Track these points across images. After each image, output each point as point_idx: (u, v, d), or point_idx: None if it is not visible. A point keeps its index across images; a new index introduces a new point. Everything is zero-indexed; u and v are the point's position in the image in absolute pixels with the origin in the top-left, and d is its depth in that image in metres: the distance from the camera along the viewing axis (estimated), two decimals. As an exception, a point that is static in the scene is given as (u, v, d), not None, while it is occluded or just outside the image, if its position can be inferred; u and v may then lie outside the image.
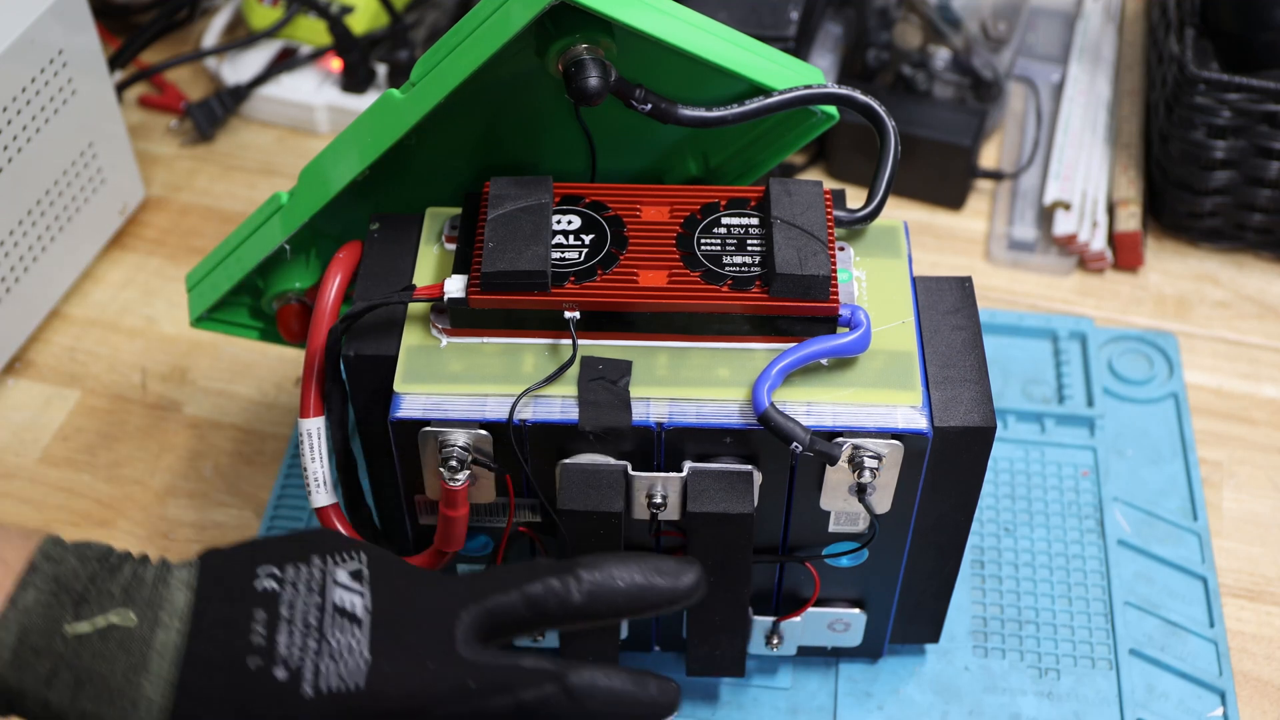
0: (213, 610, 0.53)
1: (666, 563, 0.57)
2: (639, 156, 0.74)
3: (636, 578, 0.56)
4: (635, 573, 0.56)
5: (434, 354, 0.64)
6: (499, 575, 0.56)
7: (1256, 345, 0.93)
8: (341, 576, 0.55)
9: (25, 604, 0.52)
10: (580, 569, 0.56)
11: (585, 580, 0.56)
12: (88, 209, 0.95)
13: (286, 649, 0.53)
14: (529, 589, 0.56)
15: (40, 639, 0.52)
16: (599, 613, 0.56)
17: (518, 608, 0.55)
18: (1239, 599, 0.80)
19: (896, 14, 1.02)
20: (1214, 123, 0.91)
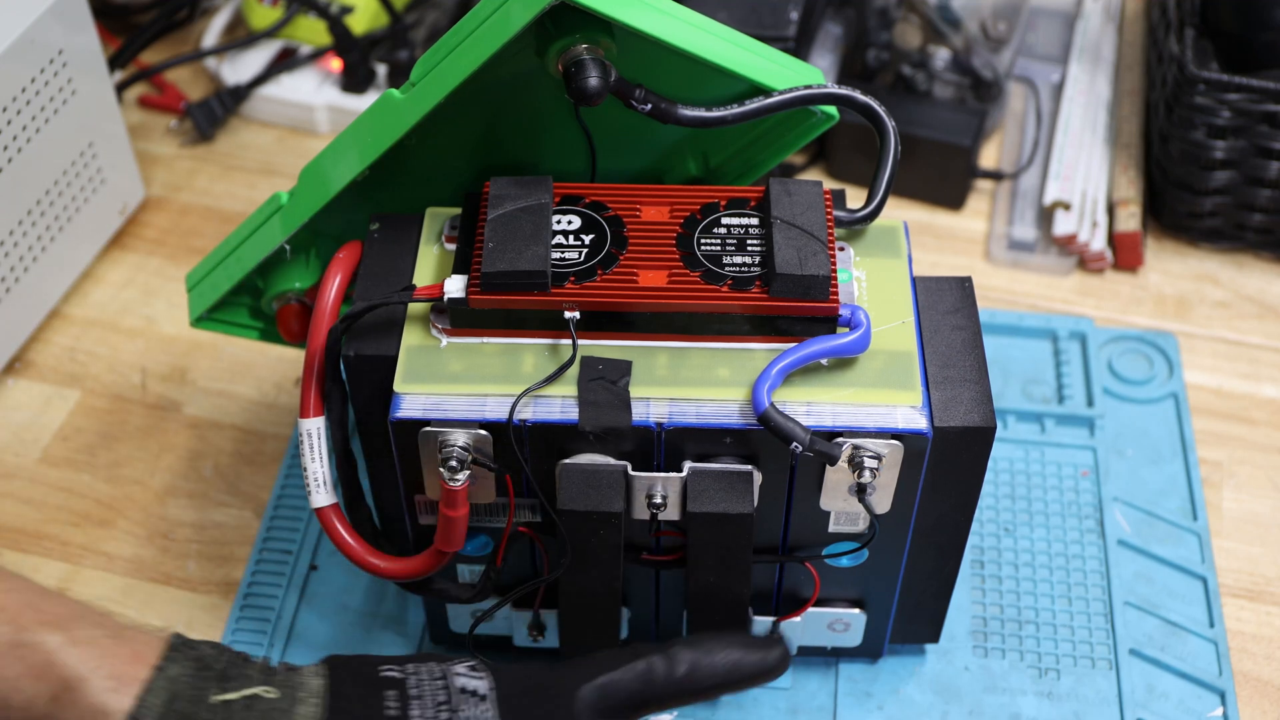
0: (347, 689, 0.58)
1: (755, 639, 0.63)
2: (639, 156, 0.74)
3: (732, 654, 0.61)
4: (730, 649, 0.62)
5: (434, 354, 0.64)
6: (605, 658, 0.61)
7: (1256, 345, 0.93)
8: (459, 669, 0.60)
9: (171, 674, 0.56)
10: (679, 647, 0.61)
11: (685, 658, 0.61)
12: (88, 209, 0.95)
13: (420, 718, 0.57)
14: (636, 666, 0.60)
15: (188, 705, 0.55)
16: (699, 686, 0.61)
17: (628, 683, 0.60)
18: (1239, 599, 0.80)
19: (896, 14, 1.02)
20: (1214, 123, 0.91)
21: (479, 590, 0.69)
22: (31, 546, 0.83)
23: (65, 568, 0.82)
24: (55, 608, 0.57)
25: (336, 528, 0.68)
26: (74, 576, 0.81)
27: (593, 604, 0.68)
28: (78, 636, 0.56)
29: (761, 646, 0.62)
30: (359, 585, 0.80)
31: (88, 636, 0.56)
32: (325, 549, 0.82)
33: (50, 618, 0.57)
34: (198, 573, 0.82)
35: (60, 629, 0.56)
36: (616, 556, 0.65)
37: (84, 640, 0.56)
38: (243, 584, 0.80)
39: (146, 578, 0.81)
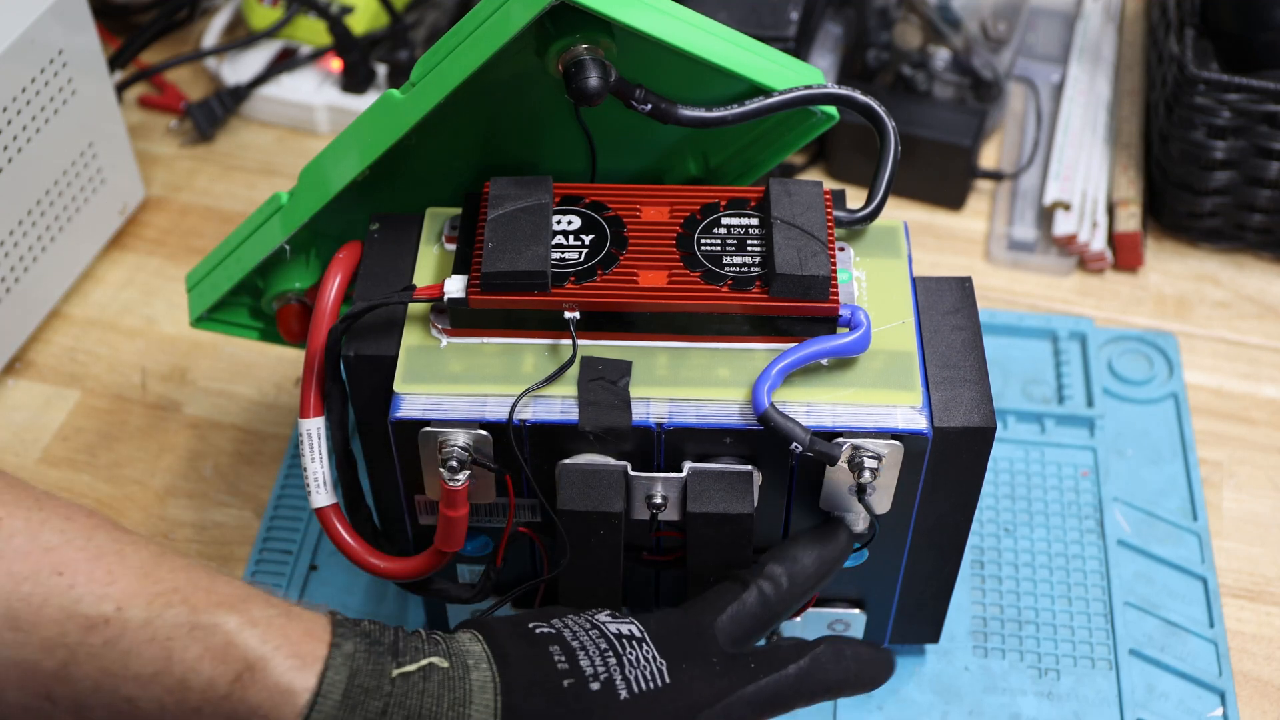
0: (513, 649, 0.58)
1: (822, 531, 0.66)
2: (639, 156, 0.74)
3: (814, 550, 0.66)
4: (808, 549, 0.66)
5: (434, 354, 0.64)
6: (721, 593, 0.64)
7: (1256, 345, 0.93)
8: (604, 617, 0.62)
9: (347, 650, 0.56)
10: (771, 564, 0.65)
11: (780, 572, 0.65)
12: (88, 209, 0.95)
13: (591, 667, 0.58)
14: (751, 594, 0.64)
15: (369, 679, 0.56)
16: (802, 590, 0.65)
17: (751, 608, 0.63)
18: (1239, 599, 0.80)
19: (896, 14, 1.02)
20: (1214, 123, 0.91)
21: (479, 590, 0.69)
22: None
23: (65, 568, 0.82)
24: (226, 588, 0.57)
25: (336, 528, 0.68)
26: (74, 576, 0.81)
27: (593, 604, 0.68)
28: (255, 616, 0.56)
29: (830, 534, 0.66)
30: (359, 585, 0.80)
31: (264, 616, 0.56)
32: (325, 549, 0.82)
33: (224, 598, 0.56)
34: (198, 573, 0.82)
35: (236, 610, 0.56)
36: (616, 557, 0.65)
37: (261, 620, 0.56)
38: (243, 584, 0.80)
39: (146, 578, 0.81)
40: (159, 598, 0.56)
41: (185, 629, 0.55)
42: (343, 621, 0.58)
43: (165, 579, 0.56)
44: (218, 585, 0.57)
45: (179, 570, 0.57)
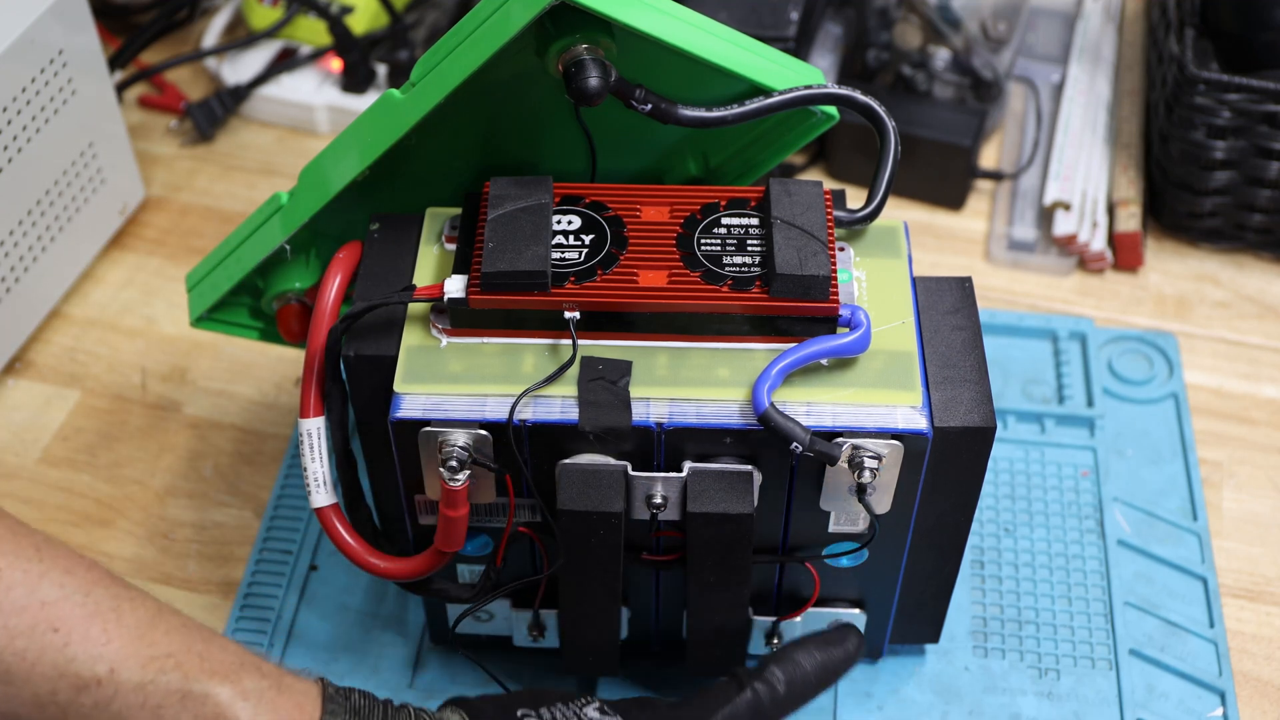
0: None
1: (828, 635, 0.68)
2: (639, 156, 0.74)
3: (816, 656, 0.66)
4: (812, 652, 0.66)
5: (434, 354, 0.64)
6: (715, 693, 0.65)
7: (1256, 345, 0.93)
8: (591, 711, 0.64)
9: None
10: (771, 666, 0.65)
11: (780, 676, 0.65)
12: (88, 209, 0.95)
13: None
14: (745, 697, 0.65)
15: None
16: (799, 696, 0.66)
17: (743, 714, 0.64)
18: (1239, 599, 0.80)
19: (896, 14, 1.02)
20: (1214, 123, 0.91)
21: (479, 590, 0.69)
22: (31, 546, 0.83)
23: (65, 568, 0.82)
24: (220, 654, 0.58)
25: (336, 528, 0.68)
26: (74, 576, 0.81)
27: (593, 604, 0.68)
28: (247, 688, 0.57)
29: (839, 640, 0.67)
30: (359, 585, 0.80)
31: (255, 688, 0.57)
32: (325, 549, 0.82)
33: (217, 666, 0.57)
34: (198, 573, 0.82)
35: (229, 680, 0.57)
36: (616, 557, 0.65)
37: (253, 693, 0.57)
38: (243, 584, 0.80)
39: (146, 578, 0.81)
40: (153, 662, 0.56)
41: (177, 696, 0.56)
42: (333, 696, 0.59)
43: (160, 642, 0.57)
44: (212, 651, 0.58)
45: (175, 632, 0.58)
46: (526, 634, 0.74)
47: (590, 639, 0.70)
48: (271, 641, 0.78)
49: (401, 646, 0.78)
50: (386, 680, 0.77)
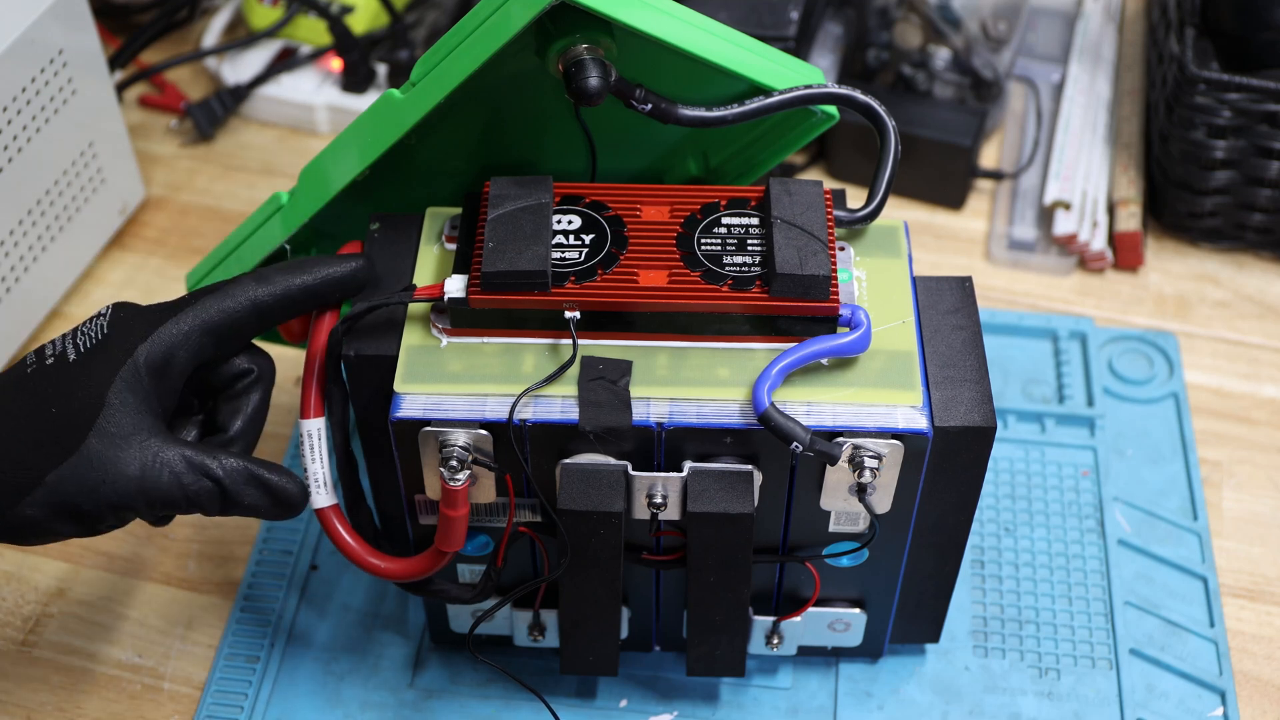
0: None
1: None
2: (639, 156, 0.74)
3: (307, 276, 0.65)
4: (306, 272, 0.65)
5: (434, 354, 0.64)
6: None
7: (1256, 345, 0.93)
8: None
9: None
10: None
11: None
12: (88, 209, 0.95)
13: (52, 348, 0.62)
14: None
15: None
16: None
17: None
18: (1239, 599, 0.80)
19: (896, 14, 1.02)
20: (1214, 123, 0.91)
21: (479, 590, 0.69)
22: (31, 546, 0.83)
23: (65, 568, 0.82)
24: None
25: (336, 528, 0.68)
26: (74, 576, 0.81)
27: (593, 604, 0.68)
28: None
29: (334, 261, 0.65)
30: (359, 585, 0.80)
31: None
32: (325, 549, 0.82)
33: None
34: (198, 573, 0.82)
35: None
36: (617, 556, 0.65)
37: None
38: (243, 584, 0.80)
39: (146, 578, 0.81)
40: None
41: None
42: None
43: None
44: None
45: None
46: (527, 634, 0.74)
47: (590, 639, 0.70)
48: (272, 641, 0.78)
49: (401, 646, 0.78)
50: (386, 680, 0.77)
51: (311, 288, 0.65)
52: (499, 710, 0.75)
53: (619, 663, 0.72)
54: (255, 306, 0.64)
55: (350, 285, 0.65)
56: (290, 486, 0.63)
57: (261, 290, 0.64)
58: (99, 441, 0.59)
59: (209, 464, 0.61)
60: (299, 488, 0.63)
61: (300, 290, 0.64)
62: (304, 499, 0.64)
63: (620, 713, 0.75)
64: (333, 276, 0.65)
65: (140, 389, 0.61)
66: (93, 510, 0.60)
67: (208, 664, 0.77)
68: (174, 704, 0.76)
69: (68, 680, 0.77)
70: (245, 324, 0.64)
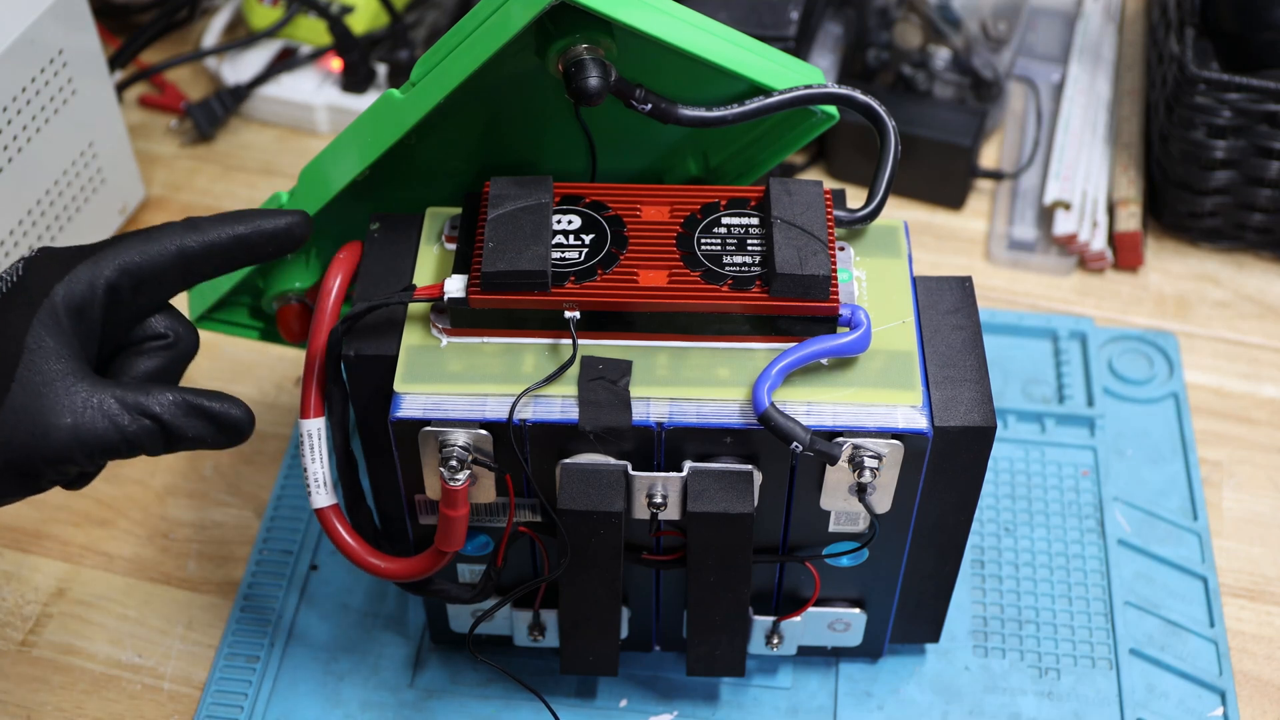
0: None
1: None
2: (639, 156, 0.74)
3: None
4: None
5: (434, 354, 0.64)
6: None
7: (1256, 345, 0.93)
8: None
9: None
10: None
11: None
12: (88, 209, 0.95)
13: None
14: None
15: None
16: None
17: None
18: (1239, 599, 0.80)
19: (896, 14, 1.02)
20: (1214, 123, 0.91)
21: (479, 590, 0.69)
22: (31, 546, 0.83)
23: (65, 568, 0.82)
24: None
25: (336, 528, 0.68)
26: (74, 576, 0.81)
27: (593, 604, 0.68)
28: None
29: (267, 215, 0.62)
30: (359, 585, 0.80)
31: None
32: (325, 549, 0.82)
33: None
34: (198, 573, 0.82)
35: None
36: (616, 556, 0.65)
37: None
38: (243, 584, 0.80)
39: (146, 578, 0.82)
40: None
41: None
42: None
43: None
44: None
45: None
46: (527, 634, 0.74)
47: (590, 639, 0.70)
48: (272, 641, 0.78)
49: (401, 646, 0.78)
50: (386, 680, 0.77)
51: (243, 238, 0.61)
52: (499, 710, 0.75)
53: (619, 663, 0.72)
54: (181, 253, 0.60)
55: (285, 240, 0.62)
56: (235, 411, 0.59)
57: (189, 237, 0.60)
58: (23, 393, 0.55)
59: (144, 401, 0.57)
60: (244, 412, 0.59)
61: (231, 240, 0.60)
62: (250, 422, 0.59)
63: (620, 713, 0.75)
64: (266, 229, 0.61)
65: (60, 332, 0.57)
66: (27, 467, 0.56)
67: (208, 664, 0.77)
68: (174, 704, 0.76)
69: (68, 680, 0.77)
70: (168, 271, 0.60)
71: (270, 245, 0.62)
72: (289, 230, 0.62)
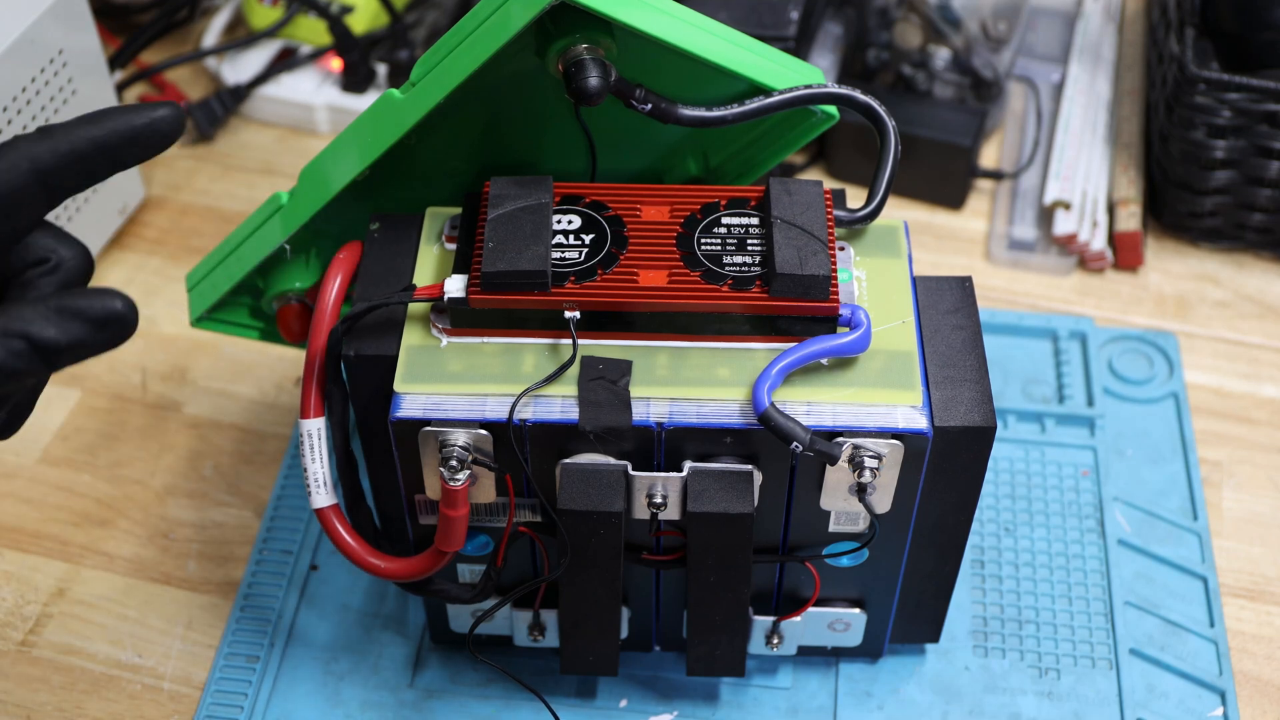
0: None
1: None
2: (639, 156, 0.74)
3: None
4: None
5: (434, 354, 0.64)
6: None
7: (1256, 345, 0.93)
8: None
9: None
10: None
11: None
12: (88, 209, 0.95)
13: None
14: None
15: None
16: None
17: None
18: (1239, 599, 0.80)
19: (896, 14, 1.02)
20: (1214, 123, 0.91)
21: (479, 590, 0.69)
22: (31, 546, 0.83)
23: (65, 568, 0.82)
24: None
25: (336, 528, 0.68)
26: (74, 576, 0.81)
27: (593, 604, 0.68)
28: None
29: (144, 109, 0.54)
30: (359, 585, 0.80)
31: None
32: (325, 549, 0.82)
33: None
34: (198, 573, 0.82)
35: None
36: (616, 556, 0.65)
37: None
38: (243, 584, 0.80)
39: (146, 578, 0.82)
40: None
41: None
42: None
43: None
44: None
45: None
46: (527, 634, 0.74)
47: (590, 639, 0.70)
48: (272, 641, 0.78)
49: (401, 646, 0.78)
50: (386, 680, 0.77)
51: (102, 142, 0.53)
52: (499, 710, 0.75)
53: (619, 663, 0.72)
54: (34, 167, 0.52)
55: (153, 139, 0.54)
56: (111, 303, 0.51)
57: (40, 147, 0.52)
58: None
59: (5, 322, 0.50)
60: (123, 302, 0.51)
61: (89, 145, 0.53)
62: (132, 311, 0.51)
63: (620, 713, 0.75)
64: (128, 128, 0.53)
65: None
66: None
67: (208, 664, 0.78)
68: (174, 704, 0.76)
69: (68, 680, 0.77)
70: (25, 190, 0.52)
71: (135, 147, 0.54)
72: (153, 126, 0.54)
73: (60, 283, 0.54)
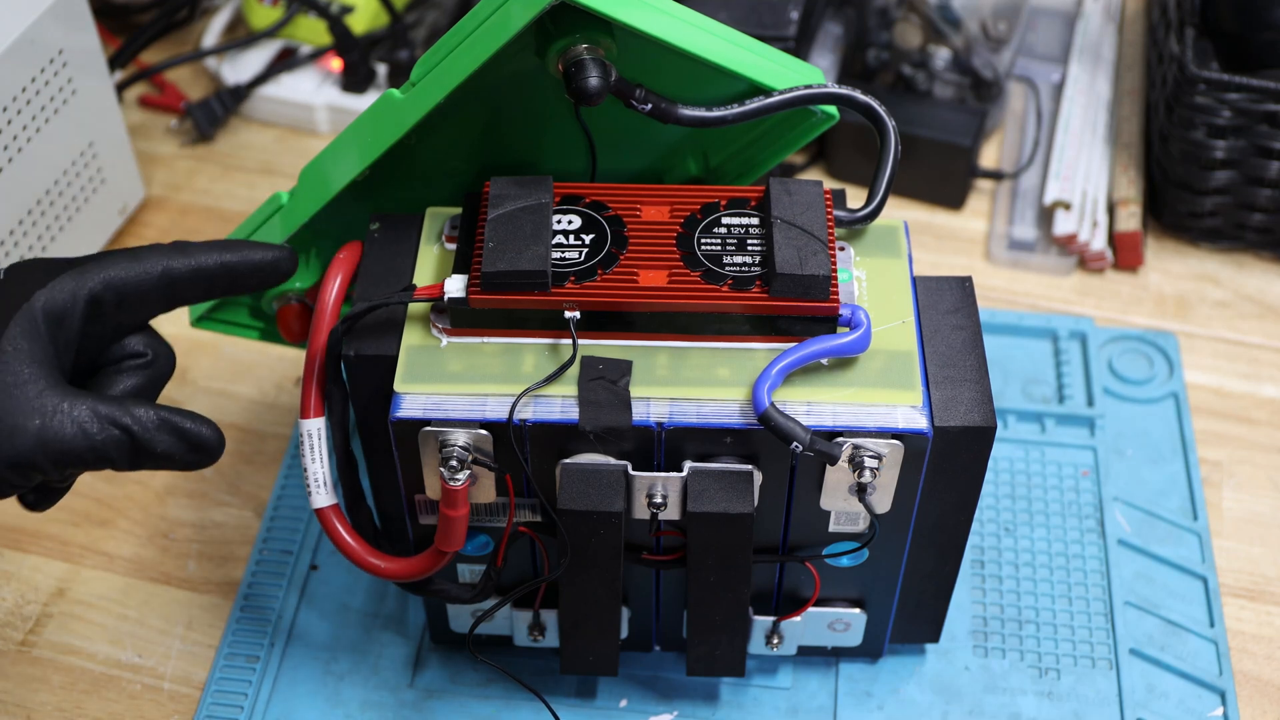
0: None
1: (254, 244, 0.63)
2: (639, 156, 0.74)
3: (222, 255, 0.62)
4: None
5: (434, 354, 0.64)
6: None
7: (1256, 345, 0.93)
8: None
9: None
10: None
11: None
12: (88, 209, 0.95)
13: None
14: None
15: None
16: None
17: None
18: (1239, 599, 0.80)
19: (896, 14, 1.02)
20: (1214, 123, 0.91)
21: (479, 590, 0.69)
22: (31, 546, 0.83)
23: (65, 568, 0.82)
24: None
25: (336, 528, 0.68)
26: (74, 576, 0.81)
27: (593, 604, 0.68)
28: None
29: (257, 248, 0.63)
30: (359, 585, 0.80)
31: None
32: (325, 549, 0.82)
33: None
34: (198, 573, 0.82)
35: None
36: (616, 556, 0.65)
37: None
38: (243, 584, 0.80)
39: (146, 578, 0.81)
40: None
41: None
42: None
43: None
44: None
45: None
46: (527, 634, 0.74)
47: (590, 639, 0.70)
48: (272, 641, 0.78)
49: (401, 646, 0.78)
50: (386, 680, 0.77)
51: (231, 266, 0.61)
52: (499, 710, 0.75)
53: (619, 663, 0.72)
54: (166, 274, 0.60)
55: (270, 274, 0.62)
56: (206, 431, 0.58)
57: (176, 260, 0.60)
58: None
59: (116, 413, 0.57)
60: (215, 433, 0.59)
61: (218, 268, 0.61)
62: (220, 445, 0.59)
63: (620, 713, 0.75)
64: (252, 261, 0.62)
65: (38, 337, 0.57)
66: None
67: (208, 664, 0.77)
68: (174, 704, 0.76)
69: (68, 680, 0.77)
70: (152, 291, 0.60)
71: (255, 277, 0.62)
72: (275, 264, 0.63)
73: (151, 377, 0.61)
